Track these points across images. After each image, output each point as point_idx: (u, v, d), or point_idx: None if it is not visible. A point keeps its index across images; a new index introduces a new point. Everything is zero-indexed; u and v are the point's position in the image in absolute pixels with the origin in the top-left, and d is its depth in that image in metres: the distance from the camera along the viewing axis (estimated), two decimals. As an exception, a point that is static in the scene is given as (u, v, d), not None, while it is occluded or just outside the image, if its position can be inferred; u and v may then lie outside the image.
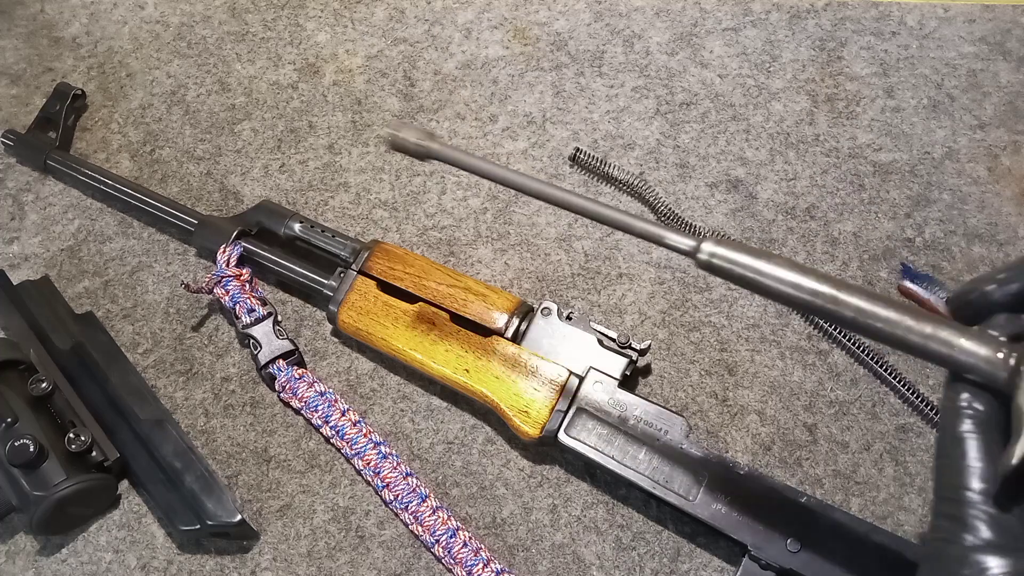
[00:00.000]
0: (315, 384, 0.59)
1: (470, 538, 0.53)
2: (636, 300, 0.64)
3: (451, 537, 0.53)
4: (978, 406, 0.32)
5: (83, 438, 0.55)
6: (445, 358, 0.57)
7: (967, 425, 0.32)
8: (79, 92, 0.77)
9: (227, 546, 0.56)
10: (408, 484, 0.55)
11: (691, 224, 0.65)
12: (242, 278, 0.62)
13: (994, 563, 0.29)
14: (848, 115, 0.71)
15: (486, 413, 0.60)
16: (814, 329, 0.61)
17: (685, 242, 0.38)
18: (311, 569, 0.55)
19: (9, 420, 0.54)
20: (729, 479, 0.50)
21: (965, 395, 0.32)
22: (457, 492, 0.57)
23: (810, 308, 0.35)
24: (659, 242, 0.39)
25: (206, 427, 0.61)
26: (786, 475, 0.56)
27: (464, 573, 0.52)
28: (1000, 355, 0.31)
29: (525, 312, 0.58)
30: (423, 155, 0.44)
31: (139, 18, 0.84)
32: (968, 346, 0.32)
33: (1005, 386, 0.31)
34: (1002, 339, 0.32)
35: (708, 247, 0.37)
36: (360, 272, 0.60)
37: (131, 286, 0.68)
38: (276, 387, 0.60)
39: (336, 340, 0.64)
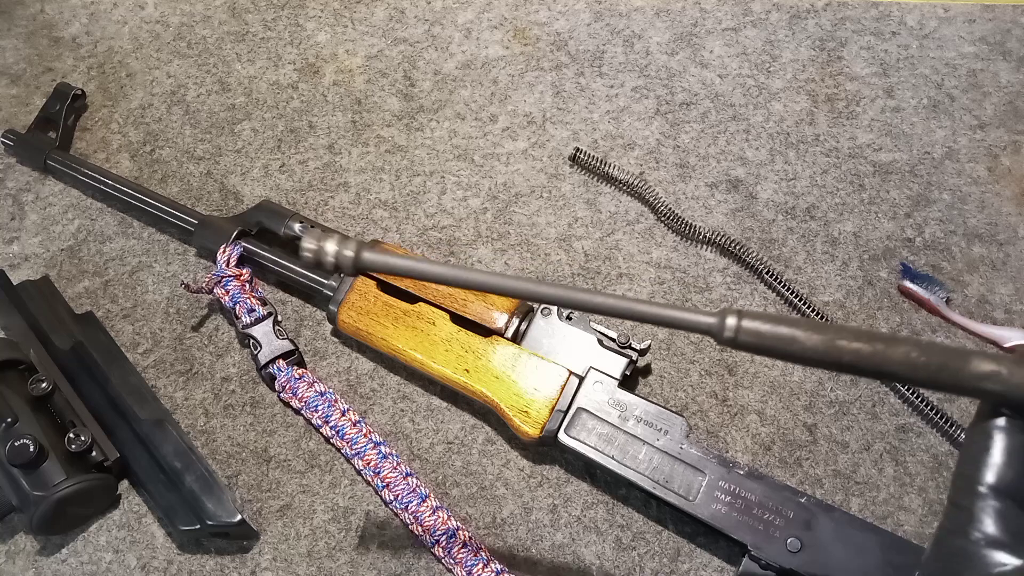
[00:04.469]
0: (315, 384, 0.59)
1: (470, 538, 0.53)
2: (636, 300, 0.64)
3: (451, 537, 0.53)
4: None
5: (83, 438, 0.55)
6: (445, 358, 0.57)
7: (1001, 422, 0.31)
8: (79, 92, 0.77)
9: (227, 546, 0.56)
10: (408, 484, 0.55)
11: (692, 224, 0.65)
12: (242, 278, 0.62)
13: (998, 560, 0.29)
14: (848, 115, 0.71)
15: (486, 413, 0.60)
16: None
17: (704, 320, 0.35)
18: (311, 569, 0.55)
19: (9, 420, 0.54)
20: (729, 479, 0.50)
21: None
22: (457, 492, 0.57)
23: (850, 368, 0.33)
24: (677, 325, 0.35)
25: (206, 427, 0.61)
26: (786, 475, 0.56)
27: (464, 573, 0.52)
28: None
29: (525, 312, 0.58)
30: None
31: (139, 18, 0.84)
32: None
33: None
34: None
35: (732, 322, 0.34)
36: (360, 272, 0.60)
37: (131, 286, 0.68)
38: (276, 387, 0.60)
39: (336, 340, 0.64)
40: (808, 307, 0.61)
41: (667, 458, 0.51)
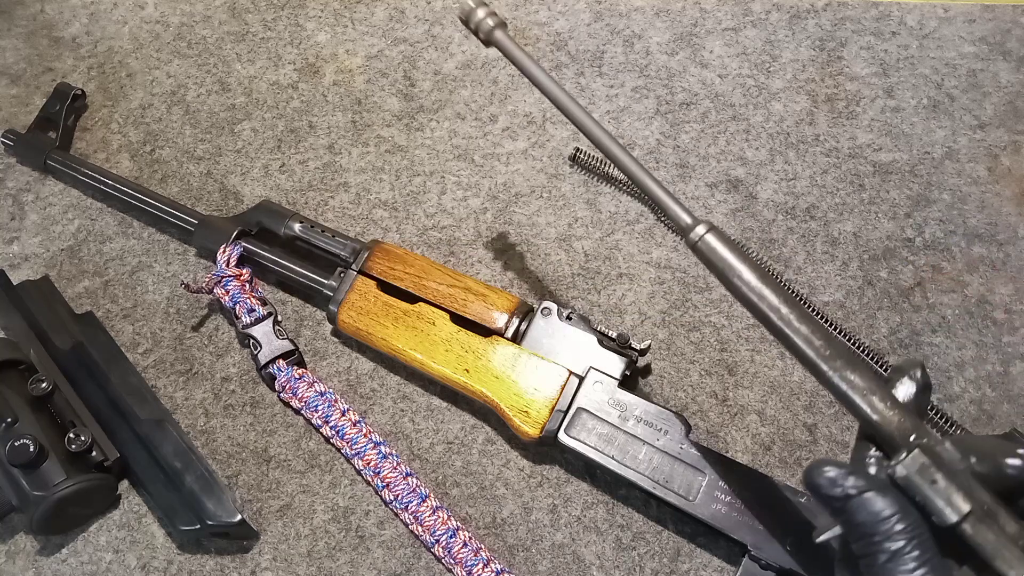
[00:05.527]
0: (315, 384, 0.59)
1: (470, 538, 0.53)
2: (636, 300, 0.64)
3: (451, 537, 0.53)
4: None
5: (83, 438, 0.55)
6: (445, 358, 0.57)
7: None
8: (79, 92, 0.77)
9: (227, 546, 0.56)
10: (408, 484, 0.55)
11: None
12: (242, 278, 0.62)
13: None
14: (848, 115, 0.71)
15: (486, 413, 0.60)
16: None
17: (683, 218, 0.40)
18: (311, 569, 0.55)
19: (9, 420, 0.54)
20: (729, 479, 0.50)
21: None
22: (457, 492, 0.57)
23: (764, 321, 0.37)
24: (662, 206, 0.40)
25: (206, 427, 0.61)
26: (786, 475, 0.56)
27: (464, 573, 0.52)
28: (910, 436, 0.33)
29: (525, 312, 0.58)
30: (487, 39, 0.47)
31: (139, 18, 0.84)
32: (883, 411, 0.34)
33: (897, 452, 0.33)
34: (914, 418, 0.34)
35: (700, 231, 0.39)
36: (360, 272, 0.60)
37: (131, 286, 0.68)
38: (276, 387, 0.60)
39: (336, 340, 0.64)
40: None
41: (667, 458, 0.51)
